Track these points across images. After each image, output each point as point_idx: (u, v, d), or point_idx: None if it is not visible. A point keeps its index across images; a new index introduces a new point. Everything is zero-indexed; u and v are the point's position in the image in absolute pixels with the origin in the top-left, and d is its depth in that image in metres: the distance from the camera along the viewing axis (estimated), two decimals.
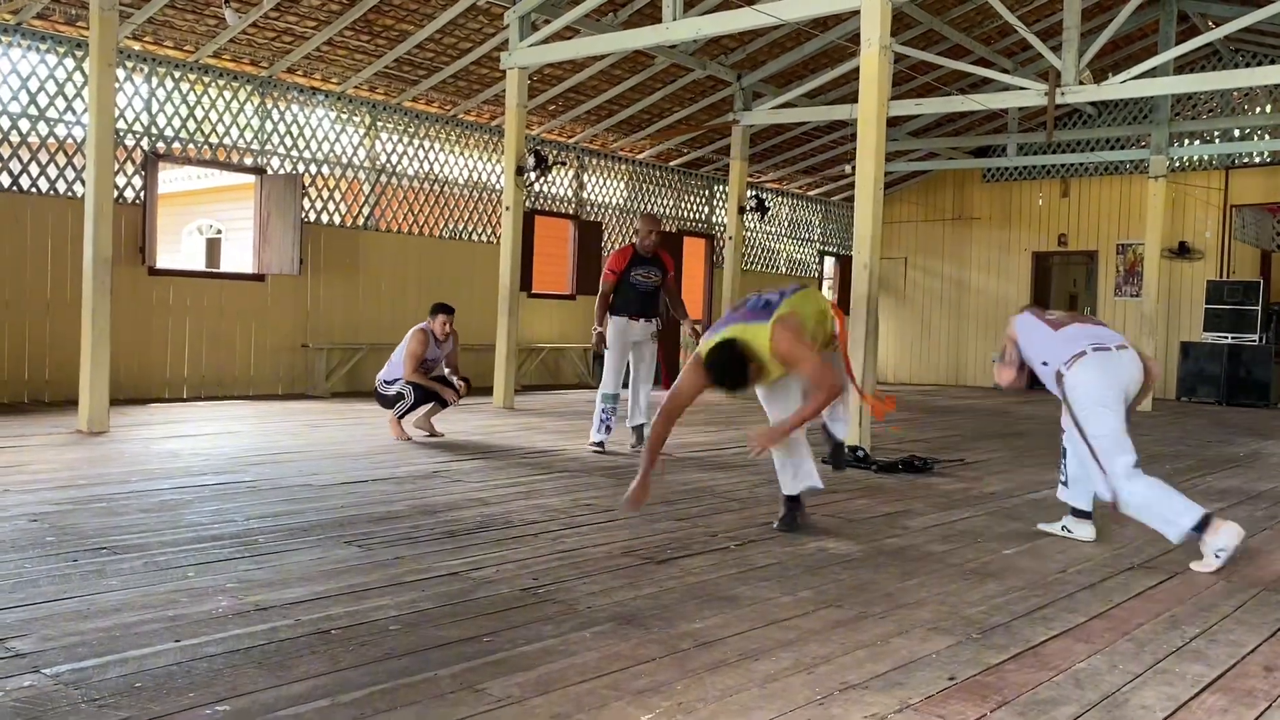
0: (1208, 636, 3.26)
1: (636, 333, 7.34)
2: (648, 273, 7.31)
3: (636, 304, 7.32)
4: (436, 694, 2.54)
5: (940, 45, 12.69)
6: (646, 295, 7.35)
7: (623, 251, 7.37)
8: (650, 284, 7.34)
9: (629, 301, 7.31)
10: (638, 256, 7.30)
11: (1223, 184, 15.57)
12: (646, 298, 7.36)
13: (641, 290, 7.32)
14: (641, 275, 7.30)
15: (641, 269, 7.31)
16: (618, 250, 7.42)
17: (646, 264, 7.32)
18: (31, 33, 9.06)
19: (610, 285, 7.30)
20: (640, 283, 7.31)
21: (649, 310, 7.38)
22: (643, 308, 7.34)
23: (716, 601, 3.49)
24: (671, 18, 8.97)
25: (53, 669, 2.62)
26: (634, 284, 7.29)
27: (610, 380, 7.30)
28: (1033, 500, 5.84)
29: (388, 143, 12.03)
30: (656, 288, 7.38)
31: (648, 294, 7.35)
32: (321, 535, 4.26)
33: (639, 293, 7.31)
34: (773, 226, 17.34)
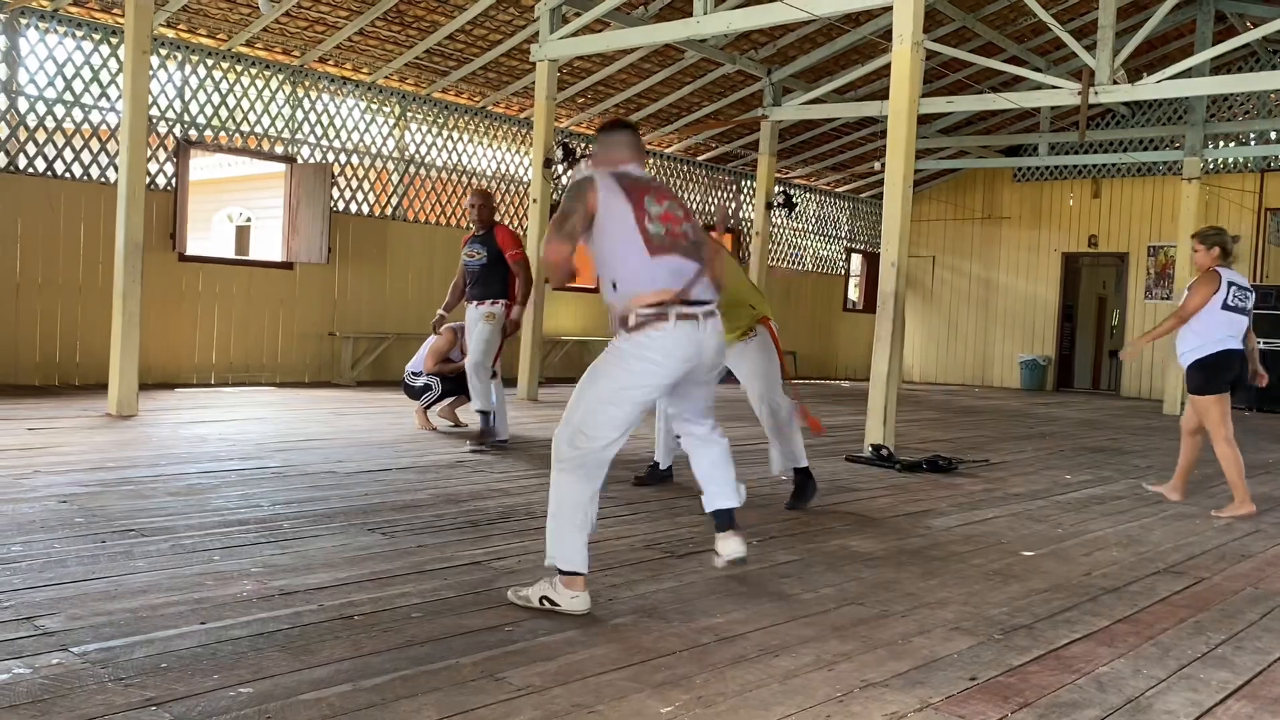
0: (1233, 643, 3.23)
1: (469, 317, 6.87)
2: (473, 250, 6.78)
3: (469, 286, 6.86)
4: (457, 681, 2.56)
5: (972, 43, 12.60)
6: (474, 275, 6.79)
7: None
8: (476, 262, 6.75)
9: (466, 284, 6.89)
10: (474, 234, 6.85)
11: (1258, 187, 15.39)
12: (475, 278, 6.79)
13: (469, 269, 6.82)
14: (467, 254, 6.82)
15: (468, 247, 6.83)
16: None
17: (474, 241, 6.80)
18: (68, 19, 9.15)
19: (460, 270, 6.96)
20: (466, 261, 6.83)
21: (478, 292, 6.77)
22: (471, 289, 6.83)
23: (737, 596, 3.48)
24: (703, 11, 8.95)
25: (80, 648, 2.65)
26: (463, 263, 6.89)
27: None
28: (1058, 502, 5.80)
29: (417, 133, 12.07)
30: (483, 266, 6.73)
31: (475, 274, 6.78)
32: (345, 522, 4.29)
33: (468, 273, 6.83)
34: (800, 223, 17.28)
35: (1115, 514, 5.52)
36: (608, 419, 3.25)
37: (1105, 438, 9.69)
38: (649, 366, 3.26)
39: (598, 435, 3.24)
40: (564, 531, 3.24)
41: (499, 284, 6.74)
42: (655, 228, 3.38)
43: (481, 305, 6.75)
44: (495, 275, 6.73)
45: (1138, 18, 12.67)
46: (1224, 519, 5.55)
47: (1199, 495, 6.33)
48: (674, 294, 3.29)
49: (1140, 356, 16.36)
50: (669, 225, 3.42)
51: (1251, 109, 15.18)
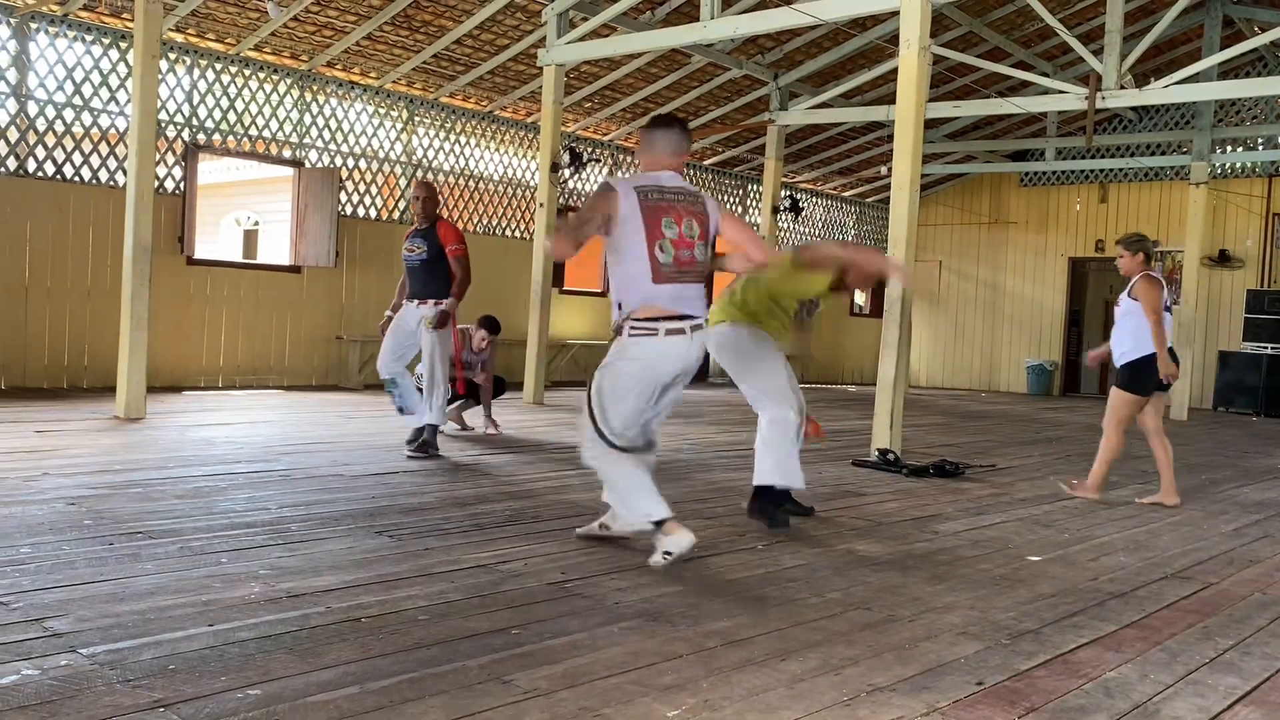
0: (1241, 649, 3.22)
1: (409, 317, 6.44)
2: (414, 245, 6.39)
3: (410, 283, 6.47)
4: (464, 684, 2.56)
5: (980, 47, 12.59)
6: (414, 272, 6.40)
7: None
8: (416, 258, 6.37)
9: (409, 281, 6.52)
10: (415, 229, 6.49)
11: (1265, 192, 15.35)
12: (415, 275, 6.41)
13: (408, 266, 6.43)
14: (407, 249, 6.44)
15: (409, 242, 6.45)
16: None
17: (415, 236, 6.42)
18: (78, 24, 9.20)
19: (406, 268, 6.56)
20: (407, 257, 6.44)
21: (421, 290, 6.39)
22: (413, 286, 6.44)
23: (744, 601, 3.48)
24: (709, 16, 8.97)
25: (89, 649, 2.66)
26: (403, 260, 6.49)
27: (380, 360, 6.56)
28: (1065, 507, 5.79)
29: (424, 138, 12.10)
30: (423, 261, 6.35)
31: (414, 270, 6.39)
32: (353, 525, 4.30)
33: (408, 270, 6.44)
34: (807, 227, 17.28)
35: (1122, 519, 5.51)
36: (615, 413, 3.80)
37: None
38: (640, 366, 3.75)
39: (608, 429, 3.80)
40: (629, 494, 3.78)
41: (442, 281, 6.38)
42: (665, 256, 3.71)
43: (423, 305, 6.38)
44: (438, 272, 6.37)
45: (1145, 22, 12.66)
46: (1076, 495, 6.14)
47: (1204, 500, 6.31)
48: (665, 312, 3.72)
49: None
50: (679, 251, 3.73)
51: (1259, 114, 15.16)
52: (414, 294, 6.41)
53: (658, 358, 3.76)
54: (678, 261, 3.73)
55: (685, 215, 3.75)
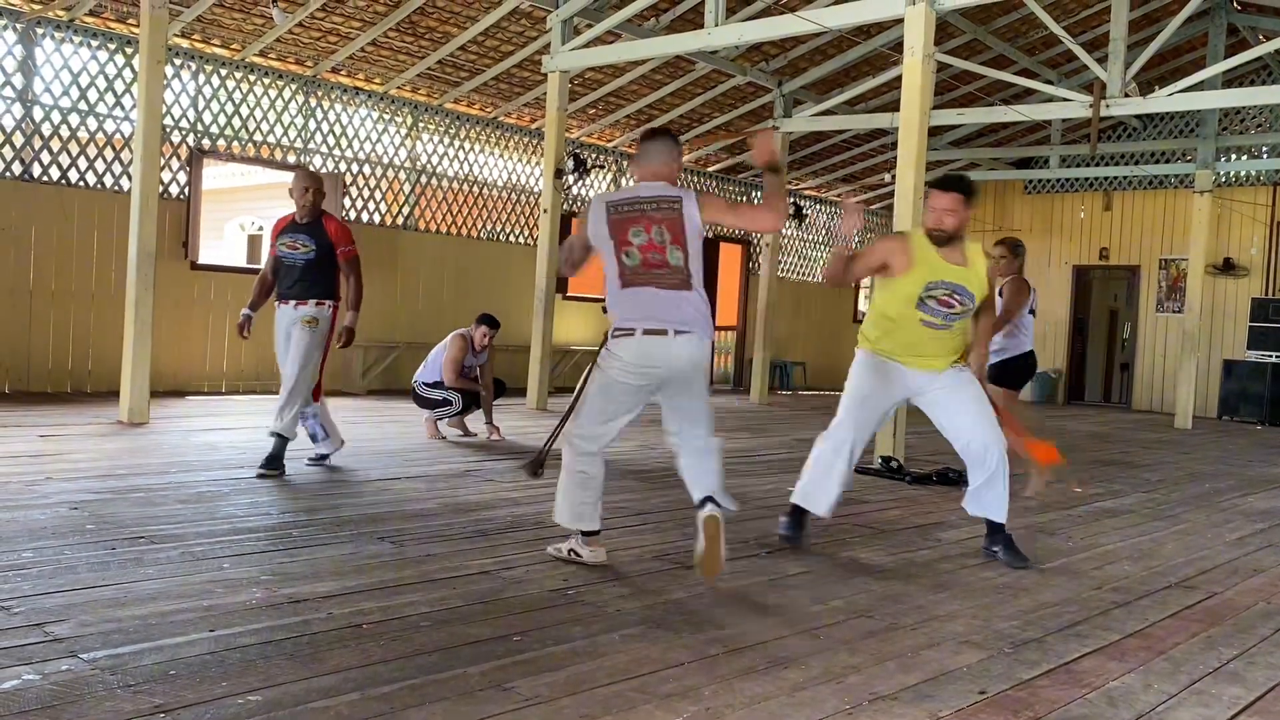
0: (1245, 658, 3.21)
1: (284, 320, 5.80)
2: (295, 241, 5.72)
3: (284, 282, 5.79)
4: (465, 691, 2.56)
5: (984, 55, 12.60)
6: (294, 270, 5.73)
7: (285, 218, 5.94)
8: (300, 256, 5.71)
9: (279, 281, 5.84)
10: (292, 223, 5.82)
11: (1270, 200, 15.33)
12: (293, 274, 5.74)
13: (287, 264, 5.75)
14: (288, 245, 5.74)
15: (287, 236, 5.77)
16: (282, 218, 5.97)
17: (295, 231, 5.77)
18: (83, 29, 9.22)
19: (270, 262, 5.91)
20: (286, 254, 5.75)
21: (299, 290, 5.73)
22: (290, 287, 5.76)
23: (746, 608, 3.48)
24: (714, 23, 8.98)
25: (90, 654, 2.66)
26: (280, 257, 5.79)
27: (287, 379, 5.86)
28: (1068, 515, 5.78)
29: (428, 143, 12.12)
30: (309, 261, 5.71)
31: (295, 269, 5.73)
32: (355, 530, 4.30)
33: (285, 268, 5.76)
34: (810, 234, 17.28)
35: (1126, 527, 5.49)
36: (592, 408, 3.93)
37: (1116, 451, 9.65)
38: (619, 365, 3.86)
39: (584, 422, 3.94)
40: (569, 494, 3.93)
41: (327, 283, 5.77)
42: (630, 260, 3.88)
43: (303, 305, 5.72)
44: (324, 272, 5.75)
45: (1150, 31, 12.67)
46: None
47: (1208, 509, 6.29)
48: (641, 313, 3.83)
49: (1152, 369, 16.32)
50: (646, 255, 3.85)
51: (1264, 122, 15.15)
52: (290, 294, 5.74)
53: (635, 358, 3.82)
54: (645, 264, 3.85)
55: (656, 223, 3.84)
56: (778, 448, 7.94)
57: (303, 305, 5.72)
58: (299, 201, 5.75)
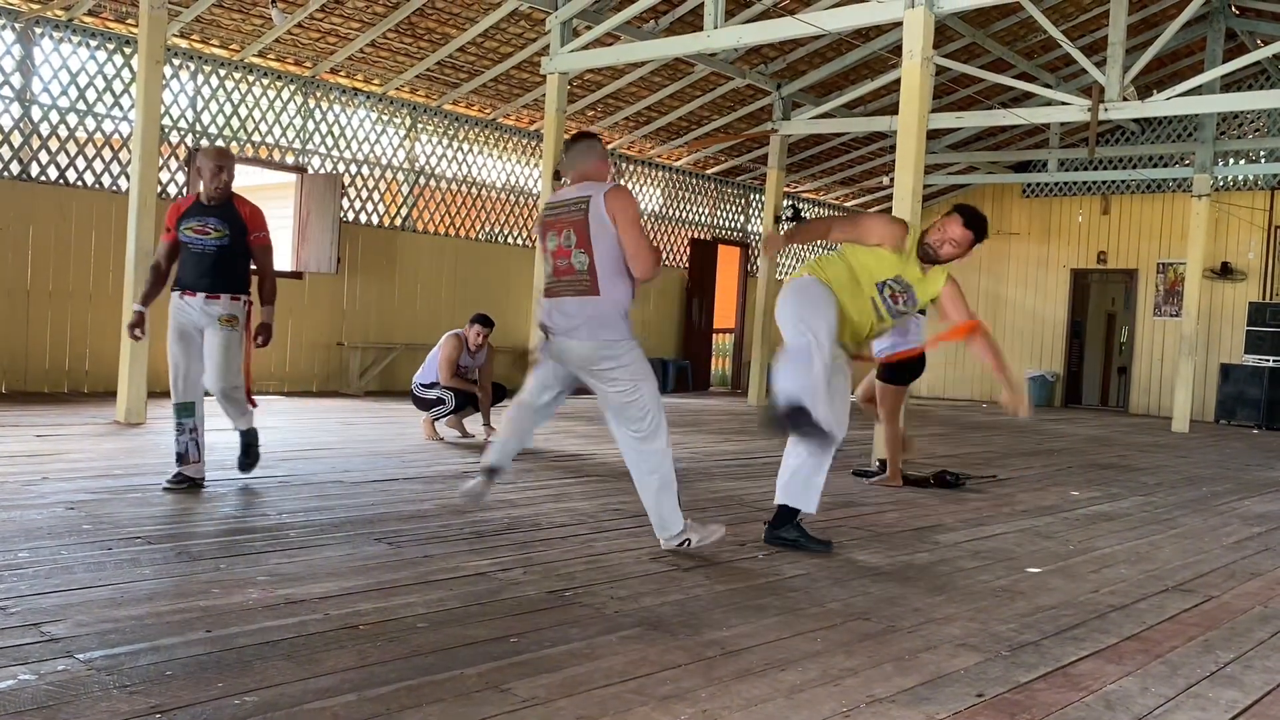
0: (1242, 662, 3.21)
1: (192, 314, 5.03)
2: (204, 225, 4.99)
3: (190, 271, 5.02)
4: (462, 692, 2.55)
5: (982, 59, 12.62)
6: (203, 259, 4.99)
7: (184, 199, 5.22)
8: (212, 243, 4.99)
9: (182, 269, 5.08)
10: (197, 204, 5.07)
11: (1268, 205, 15.36)
12: (204, 262, 5.00)
13: (194, 251, 5.00)
14: (194, 229, 4.99)
15: (194, 220, 5.01)
16: (179, 199, 5.26)
17: (204, 214, 5.02)
18: (82, 29, 9.22)
19: (164, 249, 5.12)
20: (193, 240, 4.99)
21: (212, 282, 5.01)
22: (199, 278, 5.00)
23: (744, 610, 3.47)
24: (713, 26, 8.98)
25: (86, 654, 2.65)
26: (185, 242, 5.02)
27: (173, 383, 5.13)
28: (1066, 518, 5.78)
29: (427, 145, 12.12)
30: (224, 248, 5.02)
31: (205, 257, 4.99)
32: (352, 531, 4.29)
33: (191, 255, 5.01)
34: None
35: (1124, 531, 5.49)
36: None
37: (1114, 454, 9.65)
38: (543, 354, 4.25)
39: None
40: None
41: (243, 273, 5.15)
42: (547, 268, 4.15)
43: (215, 300, 5.01)
44: (238, 261, 5.10)
45: (1148, 35, 12.69)
46: (875, 486, 6.60)
47: (1206, 513, 6.30)
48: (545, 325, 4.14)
49: (1149, 373, 16.33)
50: (556, 262, 4.06)
51: (1262, 127, 15.18)
52: (198, 286, 4.99)
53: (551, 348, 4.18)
54: (556, 271, 4.08)
55: (566, 226, 4.00)
56: (774, 450, 7.93)
57: (214, 300, 4.97)
58: (210, 182, 5.02)
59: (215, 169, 5.02)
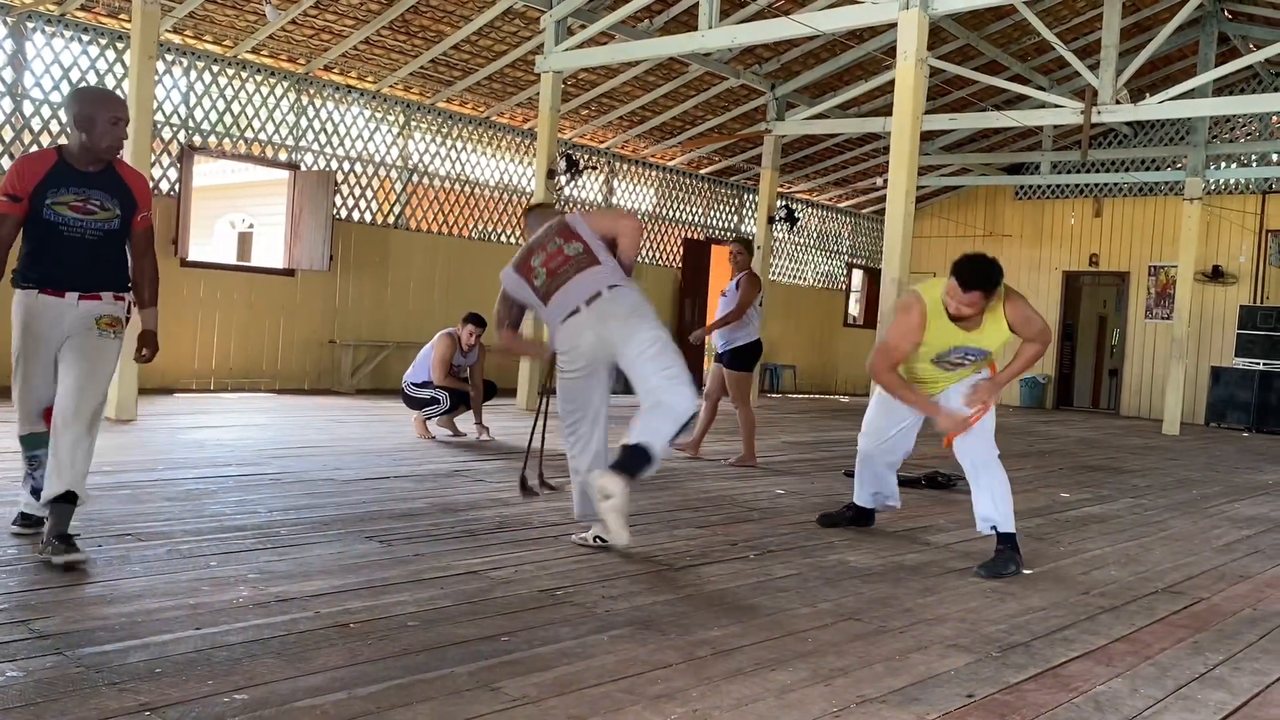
0: (1231, 664, 3.22)
1: (55, 317, 3.60)
2: (85, 198, 3.56)
3: (59, 262, 3.57)
4: (453, 691, 2.55)
5: (976, 61, 12.64)
6: (82, 246, 3.58)
7: (38, 157, 3.62)
8: (94, 224, 3.58)
9: (41, 257, 3.59)
10: (68, 169, 3.57)
11: (1259, 209, 15.41)
12: (82, 251, 3.58)
13: (70, 236, 3.56)
14: (72, 204, 3.54)
15: (73, 192, 3.55)
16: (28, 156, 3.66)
17: (87, 185, 3.58)
18: (75, 24, 9.18)
19: (10, 225, 3.55)
20: (68, 220, 3.54)
21: (93, 277, 3.63)
22: (73, 271, 3.59)
23: (735, 610, 3.48)
24: (707, 26, 8.98)
25: (74, 651, 2.64)
26: (55, 223, 3.54)
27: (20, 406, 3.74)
28: (1057, 520, 5.79)
29: (420, 142, 12.10)
30: (111, 233, 3.63)
31: (83, 244, 3.58)
32: (343, 530, 4.29)
33: (63, 240, 3.56)
34: (801, 237, 17.30)
35: (1114, 533, 5.51)
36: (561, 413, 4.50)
37: (1104, 456, 9.68)
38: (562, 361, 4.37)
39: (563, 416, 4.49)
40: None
41: (125, 265, 3.78)
42: (539, 279, 4.34)
43: (91, 299, 3.62)
44: (121, 249, 3.76)
45: (1141, 38, 12.72)
46: (734, 466, 7.06)
47: (1196, 515, 6.32)
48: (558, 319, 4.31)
49: (1140, 375, 16.38)
50: (549, 265, 4.31)
51: (1253, 131, 15.22)
52: (72, 281, 3.60)
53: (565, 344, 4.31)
54: (550, 272, 4.31)
55: (549, 239, 4.39)
56: (766, 450, 7.94)
57: (91, 299, 3.61)
58: (103, 136, 3.56)
59: (112, 119, 3.58)
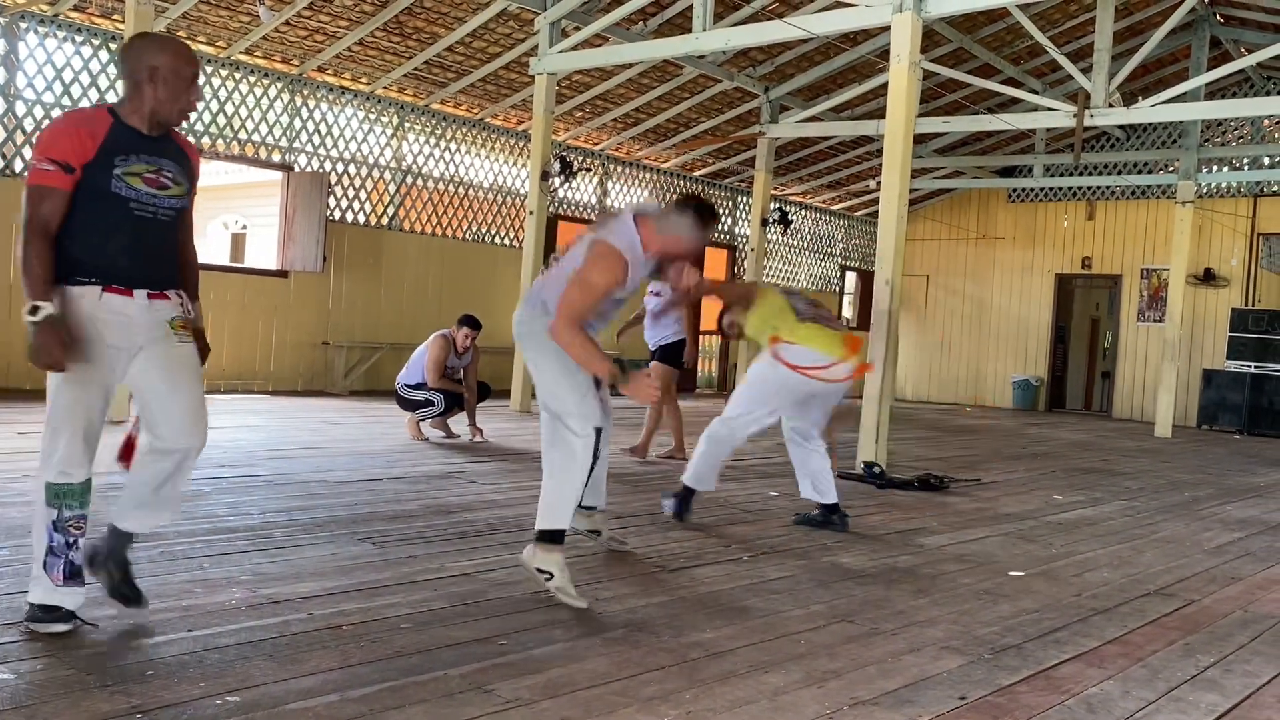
0: (1222, 666, 3.23)
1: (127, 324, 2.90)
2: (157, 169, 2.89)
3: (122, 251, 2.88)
4: (445, 693, 2.55)
5: (969, 64, 12.66)
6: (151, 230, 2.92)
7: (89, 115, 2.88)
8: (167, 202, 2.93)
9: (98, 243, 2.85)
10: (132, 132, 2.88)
11: (1250, 212, 15.47)
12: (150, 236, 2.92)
13: (140, 215, 2.87)
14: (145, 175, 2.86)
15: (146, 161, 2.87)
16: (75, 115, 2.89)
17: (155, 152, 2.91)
18: (68, 24, 9.16)
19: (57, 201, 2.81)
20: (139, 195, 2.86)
21: (164, 271, 3.01)
22: (142, 262, 2.92)
23: (728, 612, 3.48)
24: (701, 28, 8.99)
25: (66, 654, 2.64)
26: (124, 197, 2.84)
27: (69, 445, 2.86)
28: (1049, 522, 5.80)
29: (414, 144, 12.09)
30: (180, 212, 3.00)
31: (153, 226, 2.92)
32: (336, 531, 4.28)
33: (128, 221, 2.87)
34: (795, 240, 17.33)
35: (1106, 535, 5.52)
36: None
37: (1097, 459, 9.70)
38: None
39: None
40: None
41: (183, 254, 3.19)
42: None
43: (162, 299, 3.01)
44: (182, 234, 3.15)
45: (1134, 42, 12.76)
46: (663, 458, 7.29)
47: (1187, 517, 6.34)
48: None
49: (1132, 378, 16.42)
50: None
51: (1245, 134, 15.28)
52: (142, 276, 2.92)
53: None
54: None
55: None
56: (757, 452, 7.95)
57: (160, 298, 2.97)
58: (179, 98, 2.94)
59: (194, 74, 2.99)
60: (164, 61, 2.91)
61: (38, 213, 2.79)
